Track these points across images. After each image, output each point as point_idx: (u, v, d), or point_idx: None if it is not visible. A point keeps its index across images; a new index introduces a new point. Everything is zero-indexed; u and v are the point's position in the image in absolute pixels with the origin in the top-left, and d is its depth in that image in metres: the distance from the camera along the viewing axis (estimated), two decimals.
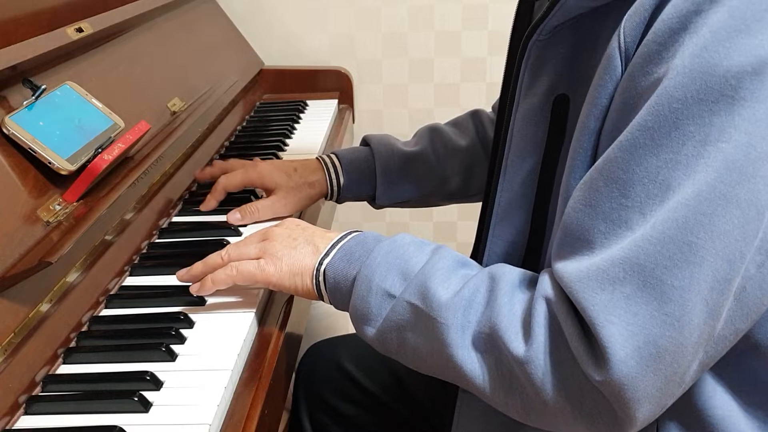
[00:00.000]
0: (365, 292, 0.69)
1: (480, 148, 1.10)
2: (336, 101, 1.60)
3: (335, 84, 1.65)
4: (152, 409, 0.67)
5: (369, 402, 1.05)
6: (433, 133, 1.11)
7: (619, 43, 0.60)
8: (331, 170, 1.06)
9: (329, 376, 1.08)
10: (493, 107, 1.14)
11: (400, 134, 1.16)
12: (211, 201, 1.05)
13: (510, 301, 0.63)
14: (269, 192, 1.04)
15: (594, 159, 0.63)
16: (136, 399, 0.66)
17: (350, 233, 0.76)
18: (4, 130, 0.79)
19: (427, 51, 1.76)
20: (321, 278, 0.74)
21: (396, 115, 1.82)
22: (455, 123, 1.13)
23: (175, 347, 0.74)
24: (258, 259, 0.77)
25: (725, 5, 0.55)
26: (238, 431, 0.66)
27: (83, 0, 1.04)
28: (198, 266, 0.82)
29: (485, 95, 1.80)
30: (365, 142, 1.11)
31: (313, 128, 1.44)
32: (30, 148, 0.80)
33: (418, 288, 0.67)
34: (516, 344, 0.60)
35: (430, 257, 0.70)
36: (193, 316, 0.79)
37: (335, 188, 1.06)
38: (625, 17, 0.60)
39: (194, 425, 0.64)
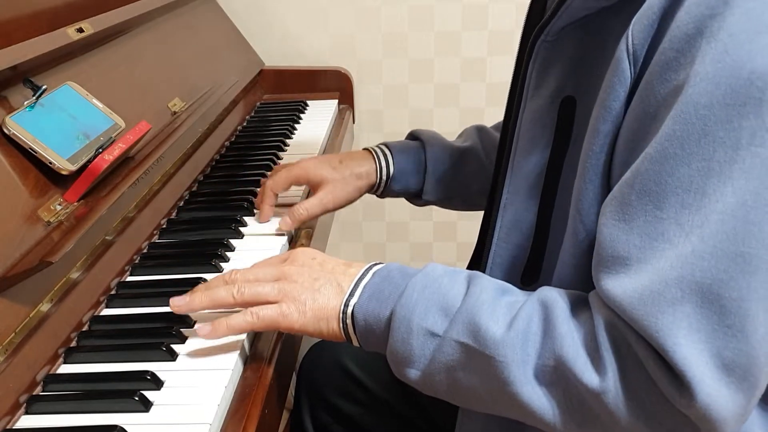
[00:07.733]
0: (405, 334, 0.66)
1: None
2: (336, 101, 1.60)
3: (335, 84, 1.66)
4: (153, 408, 0.67)
5: (371, 401, 1.05)
6: (480, 132, 1.09)
7: (627, 47, 0.59)
8: (382, 160, 1.03)
9: (331, 374, 1.08)
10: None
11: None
12: (265, 209, 1.00)
13: (569, 329, 0.61)
14: (315, 187, 1.00)
15: (608, 163, 0.63)
16: (136, 398, 0.66)
17: (371, 267, 0.73)
18: (5, 131, 0.79)
19: (427, 51, 1.76)
20: (349, 321, 0.70)
21: (396, 115, 1.82)
22: (498, 127, 1.11)
23: (175, 346, 0.74)
24: (278, 302, 0.72)
25: (741, 7, 0.54)
26: (238, 431, 0.66)
27: (83, 0, 1.04)
28: (202, 299, 0.74)
29: (485, 95, 1.80)
30: (413, 136, 1.09)
31: (314, 128, 1.44)
32: (31, 149, 0.80)
33: (466, 325, 0.64)
34: (588, 375, 0.59)
35: (468, 288, 0.67)
36: (193, 315, 0.79)
37: (384, 178, 1.03)
38: (633, 20, 0.59)
39: (195, 425, 0.64)
